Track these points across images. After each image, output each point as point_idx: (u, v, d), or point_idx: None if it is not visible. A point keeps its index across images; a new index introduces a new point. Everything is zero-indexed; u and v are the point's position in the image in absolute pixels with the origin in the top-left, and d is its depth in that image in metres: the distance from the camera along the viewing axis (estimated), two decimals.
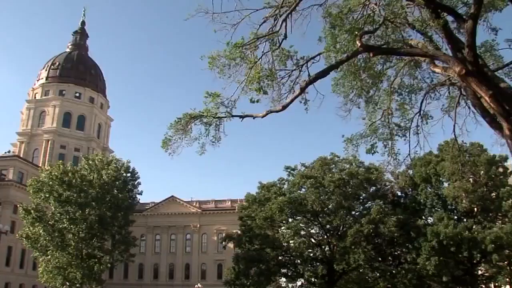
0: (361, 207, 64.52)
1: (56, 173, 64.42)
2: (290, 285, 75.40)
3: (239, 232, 68.78)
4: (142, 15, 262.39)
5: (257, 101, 17.55)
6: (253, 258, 62.17)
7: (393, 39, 17.53)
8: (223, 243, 74.31)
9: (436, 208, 61.04)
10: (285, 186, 66.82)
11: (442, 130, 19.91)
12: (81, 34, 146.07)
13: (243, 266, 63.19)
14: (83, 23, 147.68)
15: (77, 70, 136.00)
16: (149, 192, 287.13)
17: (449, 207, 60.61)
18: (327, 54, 17.30)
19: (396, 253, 63.62)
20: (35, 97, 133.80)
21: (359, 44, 15.78)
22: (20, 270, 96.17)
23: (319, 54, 17.42)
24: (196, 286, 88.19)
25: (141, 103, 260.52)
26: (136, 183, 71.36)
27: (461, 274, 56.79)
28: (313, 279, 63.68)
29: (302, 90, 17.11)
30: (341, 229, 62.48)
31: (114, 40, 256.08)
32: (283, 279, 72.63)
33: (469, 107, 18.59)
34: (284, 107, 17.42)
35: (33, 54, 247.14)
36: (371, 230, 56.96)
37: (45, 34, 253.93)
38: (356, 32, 15.94)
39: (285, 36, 16.94)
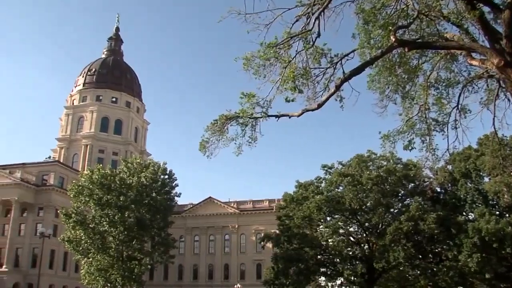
0: (400, 204, 63.68)
1: (96, 177, 65.54)
2: (329, 284, 74.96)
3: (277, 231, 68.72)
4: (175, 18, 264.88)
5: (293, 100, 17.53)
6: (292, 257, 62.03)
7: (428, 33, 17.25)
8: (262, 243, 74.36)
9: (476, 204, 59.76)
10: (323, 185, 66.53)
11: (481, 123, 19.39)
12: (116, 40, 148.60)
13: (282, 265, 63.11)
14: (117, 29, 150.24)
15: (112, 75, 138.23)
16: (187, 194, 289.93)
17: (490, 202, 59.23)
18: (361, 51, 17.17)
19: (436, 250, 62.60)
20: (73, 104, 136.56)
21: (393, 39, 15.60)
22: (63, 272, 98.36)
23: (353, 51, 17.28)
24: (235, 286, 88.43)
25: (176, 105, 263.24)
26: (173, 185, 71.91)
27: (505, 271, 55.53)
28: (352, 278, 63.20)
29: (337, 87, 17.03)
30: (380, 227, 61.88)
31: (148, 43, 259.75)
32: (323, 278, 72.25)
33: (508, 100, 18.11)
34: (319, 106, 17.36)
35: (70, 61, 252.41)
36: (411, 227, 56.19)
37: (81, 42, 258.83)
38: (390, 27, 15.77)
39: (319, 34, 16.84)
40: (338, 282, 71.34)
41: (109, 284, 64.07)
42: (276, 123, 18.23)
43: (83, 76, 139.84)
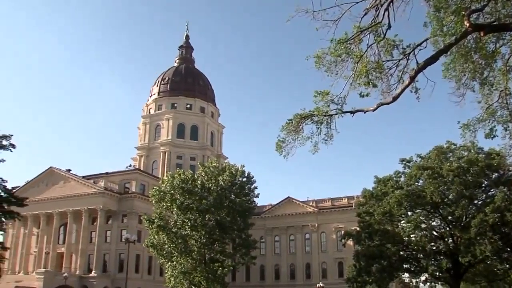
0: (484, 196, 61.35)
1: (176, 182, 67.06)
2: (413, 280, 73.33)
3: (357, 228, 67.93)
4: (242, 20, 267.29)
5: (367, 95, 17.35)
6: (374, 254, 61.16)
7: (504, 14, 16.59)
8: (342, 240, 73.75)
9: None
10: (402, 179, 65.14)
11: None
12: (186, 48, 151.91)
13: (364, 263, 62.35)
14: (187, 37, 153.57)
15: (186, 82, 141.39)
16: (265, 195, 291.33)
17: None
18: (434, 39, 16.77)
19: None
20: (149, 112, 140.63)
21: (467, 25, 15.12)
22: (148, 276, 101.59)
23: (425, 40, 16.86)
24: (317, 285, 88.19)
25: (249, 107, 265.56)
26: (252, 186, 72.39)
27: None
28: (437, 274, 61.60)
29: (412, 79, 16.68)
30: (463, 219, 59.87)
31: (217, 48, 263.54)
32: (406, 275, 70.74)
33: None
34: (394, 99, 17.07)
35: (145, 72, 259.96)
36: (497, 219, 53.99)
37: (153, 53, 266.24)
38: (463, 12, 15.31)
39: (389, 26, 16.52)
40: (423, 278, 69.57)
41: (193, 287, 65.23)
42: (351, 119, 18.05)
43: (157, 85, 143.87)
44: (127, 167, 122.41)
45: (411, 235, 62.66)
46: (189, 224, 65.18)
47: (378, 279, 60.76)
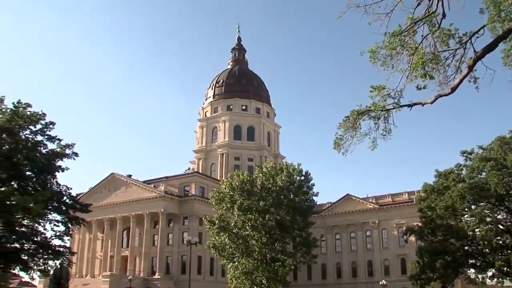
0: None
1: (236, 183, 67.65)
2: (479, 276, 71.31)
3: (419, 224, 66.78)
4: (292, 18, 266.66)
5: (424, 87, 17.08)
6: (437, 250, 59.95)
7: None
8: (404, 237, 72.91)
9: None
10: (464, 172, 63.52)
11: None
12: (239, 50, 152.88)
13: (427, 259, 61.20)
14: (239, 39, 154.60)
15: (240, 84, 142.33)
16: (324, 193, 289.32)
17: None
18: (492, 26, 16.30)
19: None
20: (205, 116, 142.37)
21: None
22: (210, 277, 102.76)
23: (482, 27, 16.40)
24: (380, 283, 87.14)
25: (305, 105, 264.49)
26: (310, 184, 72.13)
27: None
28: (505, 269, 59.70)
29: (470, 68, 16.28)
30: None
31: (269, 48, 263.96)
32: (472, 270, 68.98)
33: None
34: (453, 89, 16.72)
35: (200, 76, 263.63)
36: None
37: (207, 57, 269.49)
38: None
39: (444, 15, 16.18)
40: (489, 273, 67.65)
41: (255, 287, 65.51)
42: (409, 113, 17.79)
43: (212, 88, 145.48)
44: (186, 170, 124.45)
45: (476, 230, 61.05)
46: (250, 224, 65.53)
47: (442, 275, 59.56)
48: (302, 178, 71.57)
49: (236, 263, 66.03)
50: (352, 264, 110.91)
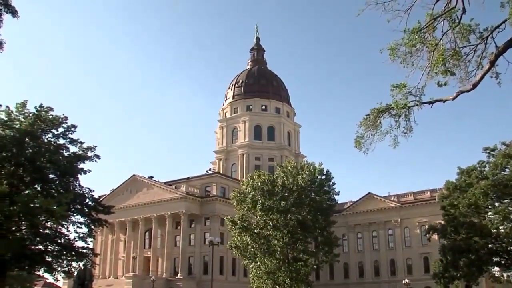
0: None
1: (257, 184, 67.70)
2: (505, 274, 70.51)
3: (442, 222, 66.22)
4: (311, 16, 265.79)
5: (445, 84, 16.97)
6: (461, 248, 59.42)
7: None
8: (427, 235, 72.10)
9: None
10: (487, 169, 62.79)
11: None
12: (258, 50, 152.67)
13: (450, 257, 60.70)
14: (257, 39, 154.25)
15: (259, 84, 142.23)
16: (345, 192, 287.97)
17: None
18: None
19: None
20: (225, 116, 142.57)
21: None
22: (232, 277, 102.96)
23: (504, 22, 16.22)
24: (403, 281, 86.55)
25: (324, 104, 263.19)
26: (331, 183, 71.86)
27: None
28: None
29: (492, 63, 16.13)
30: None
31: (288, 48, 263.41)
32: (496, 269, 68.23)
33: None
34: (474, 86, 16.58)
35: (219, 76, 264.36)
36: None
37: (226, 57, 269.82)
38: None
39: (464, 10, 16.05)
40: None
41: (277, 286, 65.48)
42: (430, 110, 17.65)
43: (231, 89, 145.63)
44: (206, 171, 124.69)
45: (500, 227, 60.30)
46: (271, 224, 65.57)
47: (466, 273, 59.03)
48: (323, 177, 71.35)
49: (258, 263, 66.12)
50: (375, 263, 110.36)
